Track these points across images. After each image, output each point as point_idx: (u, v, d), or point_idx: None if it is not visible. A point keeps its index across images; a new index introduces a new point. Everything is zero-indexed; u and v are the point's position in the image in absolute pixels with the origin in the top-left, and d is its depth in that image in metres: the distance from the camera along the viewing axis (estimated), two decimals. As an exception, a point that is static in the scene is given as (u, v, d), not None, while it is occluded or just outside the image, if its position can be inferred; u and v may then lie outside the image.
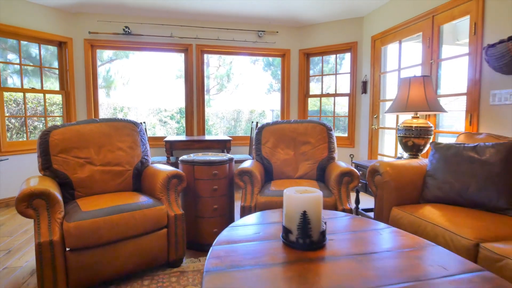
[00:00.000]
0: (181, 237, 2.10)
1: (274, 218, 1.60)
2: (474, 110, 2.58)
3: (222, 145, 3.95)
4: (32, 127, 4.42)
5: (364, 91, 4.21)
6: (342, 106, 5.36)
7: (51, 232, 1.68)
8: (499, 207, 1.76)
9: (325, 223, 1.37)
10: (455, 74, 3.09)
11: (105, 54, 9.65)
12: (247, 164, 2.53)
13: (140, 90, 10.41)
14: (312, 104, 5.31)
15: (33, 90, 3.94)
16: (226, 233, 1.38)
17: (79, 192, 2.16)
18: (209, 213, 2.38)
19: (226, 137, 4.04)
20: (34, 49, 4.04)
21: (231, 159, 2.53)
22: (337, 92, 4.69)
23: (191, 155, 2.63)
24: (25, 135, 3.92)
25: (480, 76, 2.52)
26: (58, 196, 1.78)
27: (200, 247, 2.41)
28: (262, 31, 4.64)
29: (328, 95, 4.75)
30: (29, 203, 1.68)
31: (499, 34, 2.36)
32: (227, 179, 2.47)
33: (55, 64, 4.16)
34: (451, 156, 2.01)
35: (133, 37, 4.29)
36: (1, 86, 3.56)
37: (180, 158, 2.51)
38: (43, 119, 4.24)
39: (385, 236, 1.35)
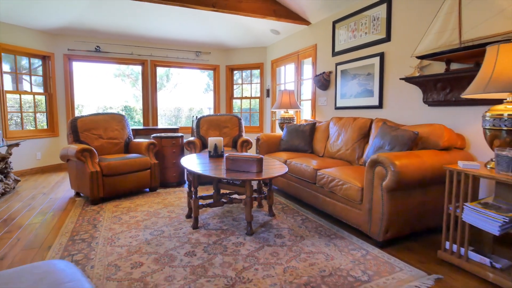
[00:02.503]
0: (157, 175, 3.94)
1: (205, 154, 3.57)
2: (313, 107, 4.88)
3: (172, 131, 5.76)
4: (25, 120, 5.62)
5: (268, 95, 6.40)
6: (254, 105, 7.50)
7: (94, 167, 3.40)
8: (306, 150, 4.00)
9: (223, 151, 3.38)
10: (308, 87, 5.41)
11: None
12: (191, 138, 4.45)
13: (93, 91, 11.39)
14: (236, 104, 7.36)
15: (25, 92, 5.25)
16: (185, 158, 3.31)
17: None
18: (171, 165, 4.25)
19: (175, 126, 5.86)
20: (24, 61, 5.28)
21: (182, 136, 4.42)
22: (252, 96, 6.83)
23: (157, 134, 4.45)
24: (20, 126, 5.23)
25: (315, 90, 4.82)
26: (94, 150, 3.50)
27: (166, 184, 4.25)
28: (199, 52, 6.53)
29: (246, 97, 6.87)
30: (81, 153, 3.38)
31: (321, 69, 4.66)
32: (180, 147, 4.36)
33: (40, 72, 5.49)
34: (292, 130, 4.21)
35: (103, 53, 5.82)
36: (4, 89, 4.85)
37: (152, 135, 4.32)
38: (32, 114, 5.52)
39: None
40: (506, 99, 1.98)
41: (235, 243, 2.35)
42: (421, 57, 2.86)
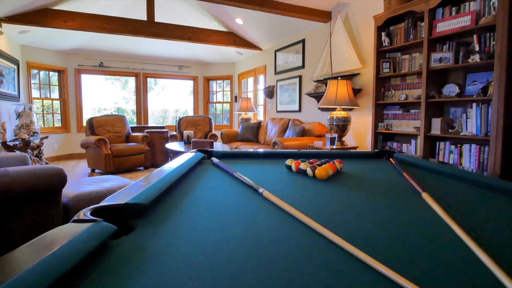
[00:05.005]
0: (149, 158, 5.63)
1: (182, 142, 5.29)
2: (264, 111, 6.65)
3: (160, 128, 7.43)
4: (46, 119, 7.19)
5: (236, 101, 8.15)
6: (226, 107, 9.25)
7: (107, 151, 5.08)
8: (253, 140, 5.77)
9: (192, 139, 5.12)
10: (262, 96, 7.18)
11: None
12: (174, 133, 6.16)
13: (88, 95, 12.88)
14: (212, 107, 9.09)
15: (46, 98, 6.85)
16: (168, 144, 5.02)
17: (106, 142, 5.53)
18: (159, 151, 5.94)
19: (163, 125, 7.54)
20: (44, 75, 6.85)
21: (166, 131, 6.12)
22: (224, 100, 8.57)
23: (149, 130, 6.14)
24: (43, 124, 6.83)
25: (265, 98, 6.61)
26: (107, 139, 5.17)
27: (155, 165, 5.94)
28: (182, 66, 8.23)
29: (219, 102, 8.61)
30: (98, 141, 5.05)
31: (268, 83, 6.44)
32: (165, 138, 6.06)
33: (56, 83, 7.09)
34: (245, 126, 5.97)
35: (105, 68, 7.45)
36: (32, 96, 6.44)
37: (145, 130, 6.01)
38: (51, 115, 7.10)
39: (218, 145, 5.15)
40: (337, 108, 3.78)
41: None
42: (315, 81, 4.68)
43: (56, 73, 7.08)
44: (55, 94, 7.13)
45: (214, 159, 1.60)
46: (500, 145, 2.29)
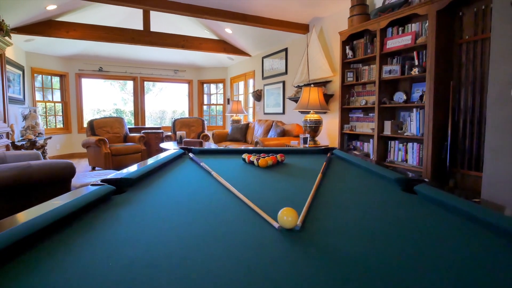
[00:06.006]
0: (145, 156, 6.11)
1: (175, 141, 5.77)
2: (254, 113, 7.14)
3: (156, 129, 7.91)
4: (48, 121, 7.66)
5: (228, 103, 8.64)
6: (219, 109, 9.74)
7: (107, 150, 5.56)
8: (242, 140, 6.26)
9: (184, 139, 5.60)
10: (252, 99, 7.68)
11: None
12: (169, 133, 6.65)
13: (87, 96, 13.34)
14: (206, 109, 9.57)
15: (49, 101, 7.32)
16: (162, 143, 5.50)
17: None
18: (154, 150, 6.42)
19: (160, 126, 8.02)
20: (46, 79, 7.32)
21: (162, 131, 6.60)
22: (217, 103, 9.06)
23: (146, 130, 6.62)
24: (46, 125, 7.30)
25: (254, 101, 7.09)
26: (106, 140, 5.66)
27: (151, 164, 6.42)
28: (177, 70, 8.72)
29: (213, 104, 9.10)
30: (99, 142, 5.53)
31: (257, 87, 6.93)
32: (160, 138, 6.54)
33: (58, 86, 7.56)
34: (234, 127, 6.46)
35: (104, 72, 7.93)
36: (36, 99, 6.91)
37: (142, 131, 6.50)
38: (52, 117, 7.58)
39: (210, 145, 5.63)
40: (310, 112, 4.27)
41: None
42: (295, 86, 5.18)
43: (58, 78, 7.55)
44: (57, 97, 7.61)
45: (191, 154, 2.09)
46: (431, 143, 2.79)
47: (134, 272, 0.57)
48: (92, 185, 1.12)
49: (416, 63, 3.02)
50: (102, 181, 1.17)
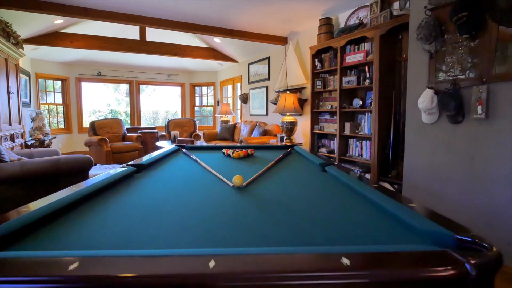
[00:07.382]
0: (142, 154, 6.73)
1: (169, 141, 6.41)
2: (241, 114, 7.80)
3: (151, 129, 8.52)
4: (51, 122, 8.21)
5: (218, 105, 9.28)
6: (209, 110, 10.37)
7: (108, 148, 6.17)
8: (229, 139, 6.92)
9: (178, 138, 6.24)
10: (239, 101, 8.34)
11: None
12: (163, 133, 7.27)
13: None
14: (197, 110, 10.20)
15: (52, 103, 7.88)
16: (158, 142, 6.14)
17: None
18: (150, 149, 7.04)
19: (154, 126, 8.63)
20: (49, 83, 7.87)
21: (157, 131, 7.22)
22: (208, 104, 9.70)
23: (142, 130, 7.24)
24: (49, 126, 7.84)
25: (241, 103, 7.75)
26: (107, 139, 6.27)
27: (147, 161, 7.05)
28: (170, 74, 9.33)
29: (203, 106, 9.74)
30: (100, 141, 6.14)
31: (244, 91, 7.59)
32: (156, 138, 7.16)
33: (60, 90, 8.11)
34: (223, 127, 7.12)
35: (102, 76, 8.50)
36: (40, 102, 7.46)
37: (139, 131, 7.11)
38: (55, 118, 8.13)
39: (201, 143, 6.27)
40: (287, 114, 4.96)
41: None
42: (276, 91, 5.86)
43: (60, 81, 8.10)
44: (59, 99, 8.16)
45: (184, 150, 2.76)
46: (377, 141, 3.50)
47: (149, 212, 1.23)
48: (123, 166, 1.78)
49: (368, 75, 3.73)
50: (128, 165, 1.83)
